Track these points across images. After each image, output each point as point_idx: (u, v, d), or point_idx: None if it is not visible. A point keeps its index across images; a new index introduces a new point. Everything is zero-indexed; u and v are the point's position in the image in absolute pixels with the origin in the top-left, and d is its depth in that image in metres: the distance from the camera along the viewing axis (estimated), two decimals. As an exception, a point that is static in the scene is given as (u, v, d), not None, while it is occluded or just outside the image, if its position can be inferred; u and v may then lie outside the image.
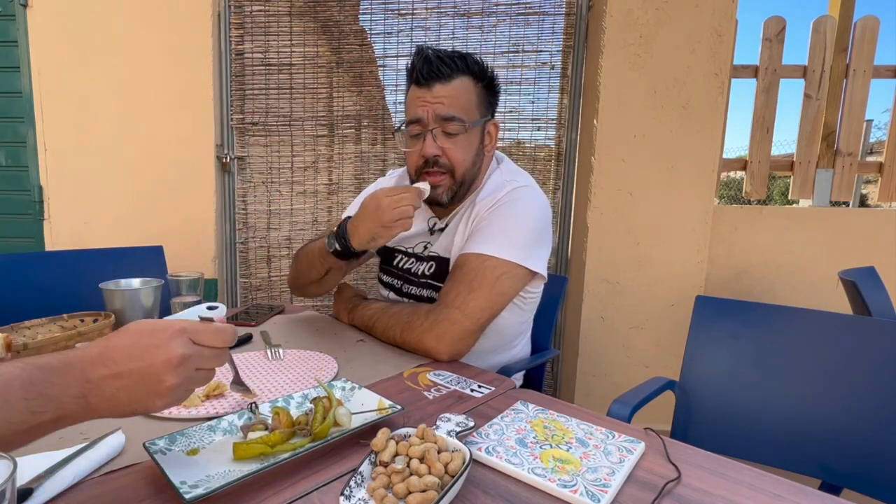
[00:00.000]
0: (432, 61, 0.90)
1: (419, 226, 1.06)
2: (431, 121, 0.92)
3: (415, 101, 0.94)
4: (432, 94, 0.91)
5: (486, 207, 0.95)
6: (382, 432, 0.50)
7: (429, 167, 0.94)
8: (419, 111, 0.92)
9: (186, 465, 0.49)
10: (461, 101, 0.92)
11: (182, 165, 1.93)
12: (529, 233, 0.93)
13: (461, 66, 0.92)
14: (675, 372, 1.03)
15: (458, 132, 0.93)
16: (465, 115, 0.92)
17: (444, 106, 0.91)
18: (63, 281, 1.29)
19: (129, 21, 1.87)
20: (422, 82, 0.92)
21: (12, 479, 0.32)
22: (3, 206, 2.02)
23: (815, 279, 1.90)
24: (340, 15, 1.95)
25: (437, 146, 0.92)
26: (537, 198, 0.98)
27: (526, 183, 0.99)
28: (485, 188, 1.00)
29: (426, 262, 1.03)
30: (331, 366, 0.81)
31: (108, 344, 0.44)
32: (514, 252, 0.89)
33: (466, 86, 0.93)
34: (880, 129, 3.88)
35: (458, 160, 0.94)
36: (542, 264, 0.94)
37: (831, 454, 0.87)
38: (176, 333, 0.46)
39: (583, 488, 0.48)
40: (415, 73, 0.93)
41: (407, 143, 0.98)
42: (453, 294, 0.88)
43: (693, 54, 1.72)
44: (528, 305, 1.03)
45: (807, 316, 0.94)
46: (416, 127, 0.94)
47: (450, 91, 0.91)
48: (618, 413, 0.82)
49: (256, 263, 2.09)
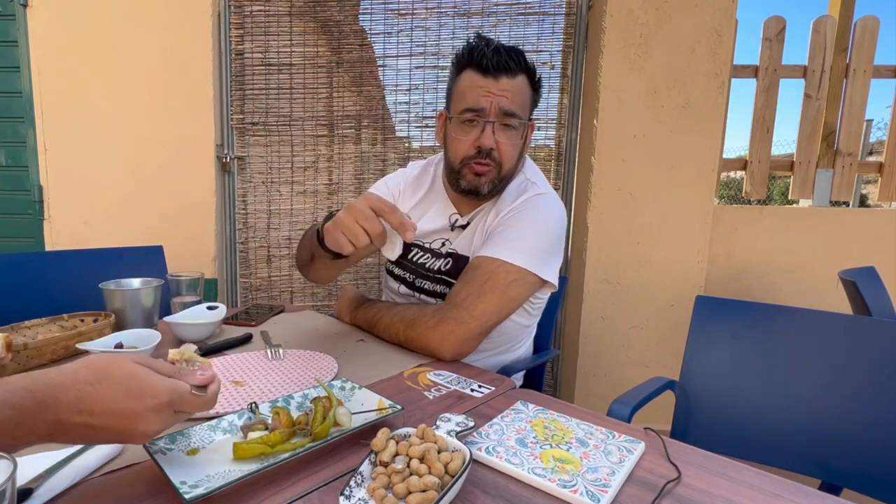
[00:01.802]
0: (502, 53, 0.89)
1: (440, 221, 1.04)
2: (493, 113, 0.90)
3: (477, 89, 0.90)
4: (498, 86, 0.89)
5: (506, 209, 0.95)
6: (382, 432, 0.50)
7: (479, 157, 0.92)
8: (482, 101, 0.89)
9: (186, 464, 0.49)
10: (521, 98, 0.92)
11: (182, 165, 1.93)
12: (545, 241, 0.93)
13: (523, 64, 0.92)
14: (675, 372, 1.03)
15: (514, 128, 0.92)
16: (522, 112, 0.92)
17: (508, 100, 0.89)
18: (63, 281, 1.28)
19: (128, 21, 1.87)
20: (489, 72, 0.89)
21: (12, 479, 0.32)
22: (3, 206, 2.02)
23: (815, 279, 1.90)
24: (340, 15, 1.95)
25: (494, 139, 0.91)
26: (556, 206, 0.98)
27: (545, 190, 0.99)
28: (510, 188, 0.99)
29: (443, 259, 1.02)
30: (331, 366, 0.81)
31: (89, 391, 0.41)
32: (528, 259, 0.89)
33: (525, 84, 0.93)
34: (880, 128, 3.89)
35: (507, 156, 0.93)
36: (554, 274, 0.94)
37: (831, 454, 0.87)
38: (162, 406, 0.44)
39: (583, 488, 0.48)
40: (483, 60, 0.89)
41: (457, 129, 0.94)
42: (463, 295, 0.88)
43: (693, 54, 1.72)
44: (536, 311, 1.04)
45: (807, 316, 0.94)
46: (472, 114, 0.91)
47: (514, 86, 0.90)
48: (618, 413, 0.82)
49: (256, 263, 2.09)
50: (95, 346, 0.77)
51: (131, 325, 0.95)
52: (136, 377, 0.43)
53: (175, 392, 0.45)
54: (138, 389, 0.43)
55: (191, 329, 0.93)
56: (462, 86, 0.93)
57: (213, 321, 0.96)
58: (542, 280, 0.92)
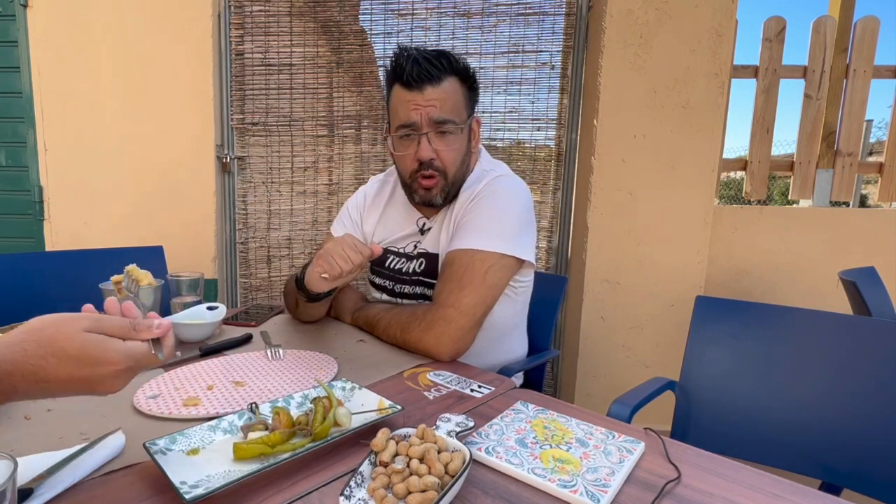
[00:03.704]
0: (421, 63, 0.88)
1: (409, 227, 1.06)
2: (425, 124, 0.91)
3: (405, 104, 0.91)
4: (424, 97, 0.89)
5: (467, 200, 0.96)
6: (382, 432, 0.50)
7: (423, 170, 0.94)
8: (412, 115, 0.90)
9: (187, 465, 0.49)
10: (451, 102, 0.92)
11: (182, 165, 1.93)
12: (513, 221, 0.94)
13: (447, 66, 0.91)
14: (675, 372, 1.03)
15: (451, 132, 0.93)
16: (456, 116, 0.93)
17: (437, 109, 0.90)
18: (63, 281, 1.29)
19: (128, 21, 1.87)
20: (413, 85, 0.89)
21: (13, 479, 0.32)
22: (3, 206, 2.02)
23: (815, 279, 1.90)
24: (340, 15, 1.95)
25: (433, 149, 0.92)
26: (516, 185, 0.99)
27: (502, 172, 1.00)
28: (468, 182, 1.00)
29: (416, 260, 1.03)
30: (331, 366, 0.81)
31: (43, 365, 0.40)
32: (499, 243, 0.90)
33: (454, 86, 0.92)
34: (880, 128, 3.89)
35: (450, 162, 0.94)
36: (529, 252, 0.95)
37: (831, 454, 0.87)
38: (121, 373, 0.44)
39: (583, 488, 0.48)
40: (403, 75, 0.89)
41: (398, 146, 0.96)
42: (446, 293, 0.89)
43: (693, 54, 1.72)
44: (520, 296, 1.03)
45: (807, 316, 0.94)
46: (407, 130, 0.93)
47: (441, 93, 0.90)
48: (618, 413, 0.82)
49: (256, 264, 2.09)
50: None
51: (131, 325, 0.94)
52: (87, 348, 0.42)
53: (132, 358, 0.45)
54: (93, 360, 0.42)
55: (191, 329, 0.93)
56: (393, 103, 0.95)
57: (213, 321, 0.96)
58: (520, 260, 0.93)
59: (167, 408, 0.64)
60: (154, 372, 0.77)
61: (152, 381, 0.72)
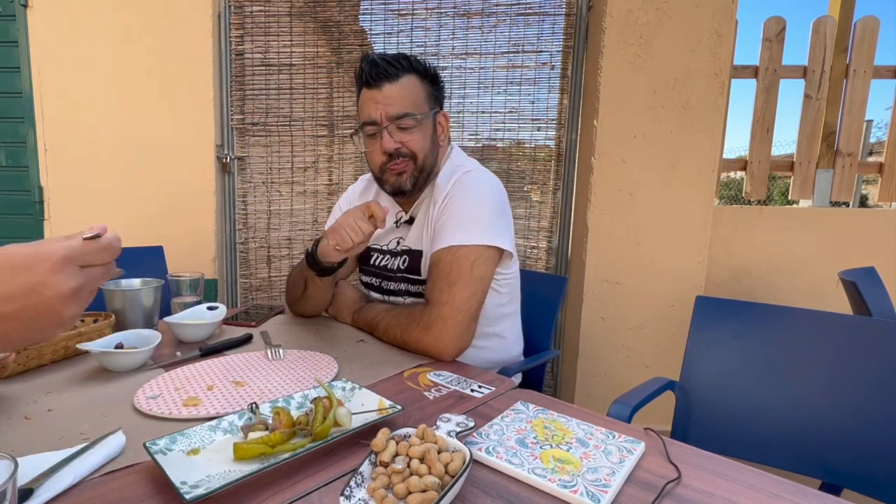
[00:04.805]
0: (379, 64, 0.95)
1: (388, 222, 1.07)
2: (385, 119, 0.95)
3: (367, 102, 0.97)
4: (382, 94, 0.95)
5: (441, 198, 0.99)
6: (382, 432, 0.50)
7: (393, 160, 0.97)
8: (372, 112, 0.96)
9: (187, 465, 0.49)
10: (409, 98, 0.96)
11: (182, 166, 1.93)
12: (486, 213, 0.96)
13: (405, 65, 0.96)
14: (675, 372, 1.03)
15: (411, 126, 0.97)
16: (415, 109, 0.97)
17: (396, 104, 0.95)
18: (63, 281, 1.28)
19: (128, 21, 1.87)
20: (372, 84, 0.95)
21: (13, 478, 0.32)
22: (3, 206, 2.02)
23: (815, 279, 1.90)
24: (340, 15, 1.95)
25: (395, 140, 0.96)
26: (485, 178, 1.02)
27: (471, 167, 1.03)
28: (441, 176, 1.02)
29: (400, 257, 1.06)
30: (331, 366, 0.81)
31: None
32: (479, 235, 0.93)
33: (413, 82, 0.97)
34: (880, 129, 3.89)
35: (417, 147, 0.98)
36: (507, 241, 0.97)
37: (831, 454, 0.87)
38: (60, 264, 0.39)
39: (583, 488, 0.48)
40: (363, 76, 0.96)
41: (365, 143, 1.02)
42: (437, 292, 0.90)
43: (693, 54, 1.72)
44: (505, 288, 1.05)
45: (807, 316, 0.94)
46: (371, 127, 0.98)
47: (398, 90, 0.95)
48: (618, 413, 0.82)
49: (256, 264, 2.09)
50: (95, 346, 0.77)
51: (131, 325, 0.95)
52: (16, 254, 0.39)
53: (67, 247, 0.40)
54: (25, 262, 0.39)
55: (191, 329, 0.93)
56: (359, 104, 1.01)
57: (213, 321, 0.96)
58: (500, 250, 0.95)
59: (167, 408, 0.64)
60: (154, 372, 0.77)
61: (152, 382, 0.72)
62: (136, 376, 0.75)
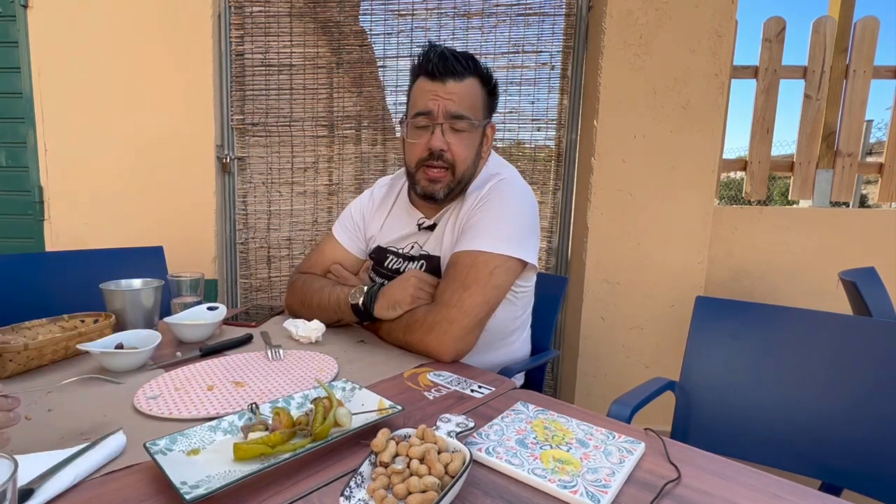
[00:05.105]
0: (448, 58, 0.91)
1: (408, 227, 1.07)
2: (441, 115, 0.92)
3: (426, 93, 0.93)
4: (445, 89, 0.92)
5: (473, 202, 0.97)
6: (382, 433, 0.50)
7: (431, 160, 0.94)
8: (430, 104, 0.92)
9: (187, 465, 0.49)
10: (470, 100, 0.94)
11: (182, 166, 1.93)
12: (517, 224, 0.94)
13: (473, 67, 0.94)
14: (675, 372, 1.03)
15: (464, 130, 0.94)
16: (472, 114, 0.94)
17: (455, 103, 0.92)
18: (63, 281, 1.29)
19: (129, 22, 1.87)
20: (437, 76, 0.92)
21: (13, 479, 0.32)
22: (3, 207, 2.02)
23: (815, 279, 1.90)
24: (340, 15, 1.95)
25: (444, 140, 0.93)
26: (521, 188, 1.00)
27: (508, 175, 1.00)
28: (474, 184, 1.01)
29: (416, 262, 1.03)
30: (331, 366, 0.81)
31: None
32: (504, 245, 0.90)
33: (475, 87, 0.95)
34: (880, 129, 3.89)
35: (461, 157, 0.95)
36: (532, 254, 0.95)
37: (831, 454, 0.87)
38: None
39: (583, 489, 0.49)
40: (429, 66, 0.92)
41: (411, 134, 0.98)
42: (449, 293, 0.88)
43: (693, 54, 1.72)
44: (521, 300, 1.03)
45: (807, 316, 0.94)
46: (423, 119, 0.94)
47: (462, 89, 0.92)
48: (618, 413, 0.82)
49: (257, 264, 2.09)
50: (96, 346, 0.77)
51: (132, 325, 0.95)
52: None
53: None
54: None
55: (191, 329, 0.93)
56: (414, 92, 0.97)
57: (213, 322, 0.96)
58: (523, 262, 0.93)
59: (167, 408, 0.64)
60: (154, 372, 0.77)
61: (153, 382, 0.72)
62: (137, 376, 0.75)
